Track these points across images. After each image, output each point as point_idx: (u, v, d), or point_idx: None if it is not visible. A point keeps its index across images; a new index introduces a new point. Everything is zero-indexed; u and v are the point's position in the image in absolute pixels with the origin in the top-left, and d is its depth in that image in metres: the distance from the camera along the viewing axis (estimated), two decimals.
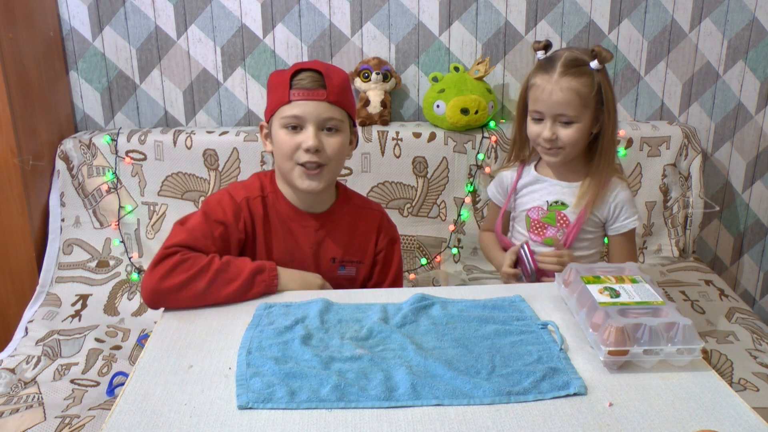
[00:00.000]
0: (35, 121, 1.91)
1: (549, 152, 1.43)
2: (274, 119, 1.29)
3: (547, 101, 1.37)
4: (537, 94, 1.40)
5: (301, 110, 1.25)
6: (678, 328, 0.97)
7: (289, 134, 1.27)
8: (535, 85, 1.40)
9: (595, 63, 1.37)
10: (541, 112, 1.40)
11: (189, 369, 0.98)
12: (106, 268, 2.00)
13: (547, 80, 1.38)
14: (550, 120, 1.39)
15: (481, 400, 0.90)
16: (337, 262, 1.37)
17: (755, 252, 2.35)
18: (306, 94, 1.25)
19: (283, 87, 1.26)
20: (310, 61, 1.33)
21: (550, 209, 1.49)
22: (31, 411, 1.42)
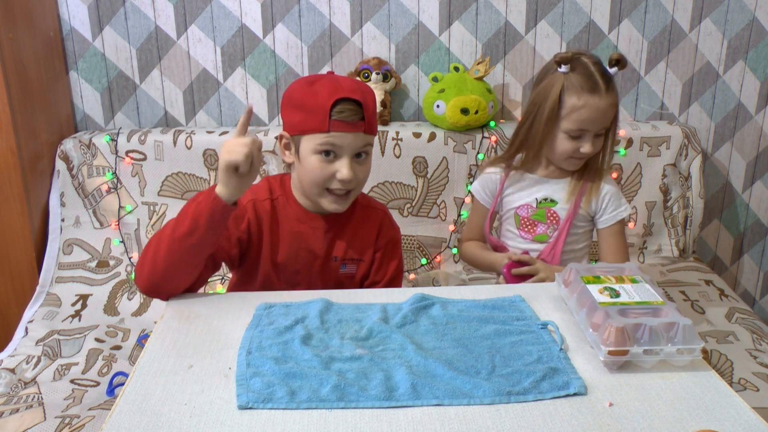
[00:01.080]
0: (35, 121, 1.91)
1: (579, 162, 1.45)
2: (304, 140, 1.27)
3: (597, 121, 1.38)
4: (586, 116, 1.37)
5: (340, 141, 1.25)
6: (678, 328, 0.97)
7: (323, 161, 1.26)
8: (584, 107, 1.37)
9: (615, 70, 1.40)
10: (585, 130, 1.40)
11: (189, 369, 0.98)
12: (106, 268, 2.00)
13: (597, 102, 1.37)
14: (591, 136, 1.40)
15: (481, 400, 0.90)
16: (339, 261, 1.38)
17: (755, 252, 2.35)
18: (346, 127, 1.24)
19: (322, 114, 1.23)
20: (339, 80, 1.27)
21: (539, 206, 1.50)
22: (31, 411, 1.42)
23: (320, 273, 1.37)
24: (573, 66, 1.40)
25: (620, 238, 1.51)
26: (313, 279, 1.37)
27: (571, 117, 1.39)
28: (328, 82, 1.27)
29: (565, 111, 1.39)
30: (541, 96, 1.42)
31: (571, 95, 1.38)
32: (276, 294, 1.25)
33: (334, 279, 1.38)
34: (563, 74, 1.40)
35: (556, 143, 1.43)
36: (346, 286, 1.40)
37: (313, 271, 1.37)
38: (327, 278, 1.38)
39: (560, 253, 1.48)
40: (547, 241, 1.49)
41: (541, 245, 1.49)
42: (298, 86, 1.30)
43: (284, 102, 1.32)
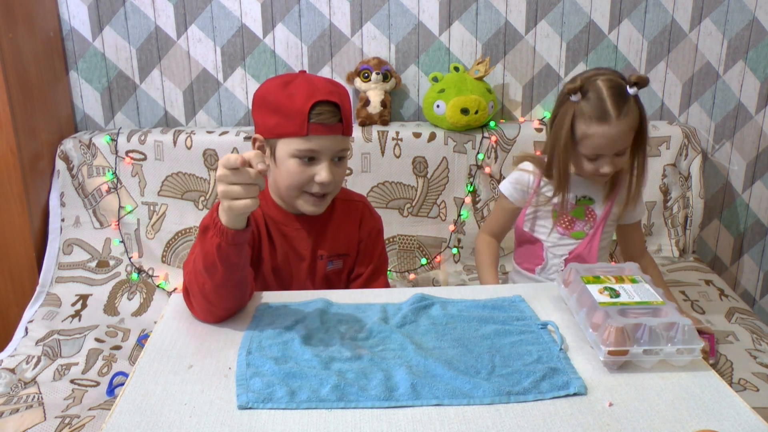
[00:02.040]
0: (35, 121, 1.91)
1: (604, 179, 1.47)
2: (281, 143, 1.24)
3: (611, 147, 1.39)
4: (598, 143, 1.38)
5: (319, 145, 1.22)
6: (678, 328, 0.97)
7: (301, 165, 1.24)
8: (594, 136, 1.38)
9: (634, 90, 1.37)
10: (601, 155, 1.41)
11: (189, 369, 0.98)
12: (106, 268, 2.00)
13: (606, 130, 1.37)
14: (610, 158, 1.41)
15: (481, 400, 0.90)
16: (325, 258, 1.37)
17: (755, 252, 2.35)
18: (325, 130, 1.22)
19: (300, 118, 1.20)
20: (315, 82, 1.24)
21: (578, 203, 1.52)
22: (31, 411, 1.42)
23: (309, 273, 1.36)
24: (585, 91, 1.39)
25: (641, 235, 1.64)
26: (303, 279, 1.36)
27: (585, 144, 1.41)
28: (304, 83, 1.23)
29: (578, 137, 1.41)
30: (558, 126, 1.44)
31: (581, 124, 1.40)
32: (276, 294, 1.25)
33: (322, 277, 1.37)
34: (574, 102, 1.40)
35: (578, 164, 1.46)
36: (334, 282, 1.39)
37: (302, 273, 1.36)
38: (315, 277, 1.37)
39: (596, 248, 1.52)
40: (584, 237, 1.53)
41: (576, 241, 1.53)
42: (272, 88, 1.26)
43: (257, 104, 1.28)
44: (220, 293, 1.09)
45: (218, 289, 1.08)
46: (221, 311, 1.11)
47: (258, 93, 1.28)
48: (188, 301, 1.12)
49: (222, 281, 1.07)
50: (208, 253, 1.05)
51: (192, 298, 1.11)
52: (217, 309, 1.11)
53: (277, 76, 1.29)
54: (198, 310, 1.11)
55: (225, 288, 1.08)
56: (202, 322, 1.12)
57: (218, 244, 1.04)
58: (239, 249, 1.06)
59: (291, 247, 1.34)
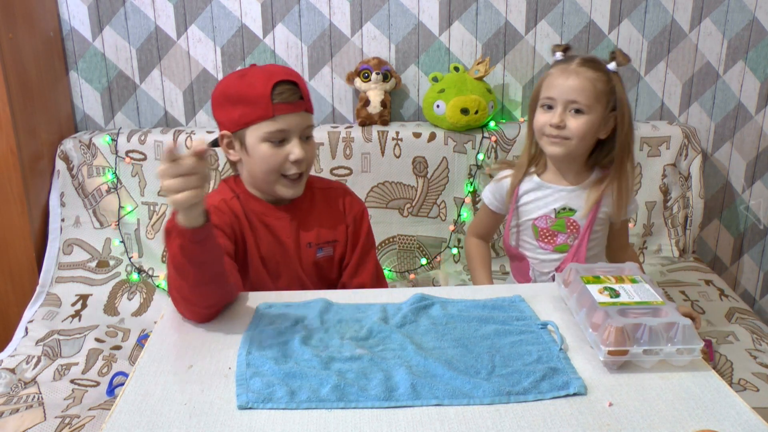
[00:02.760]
0: (35, 121, 1.91)
1: (554, 141, 1.40)
2: (249, 132, 1.27)
3: (562, 86, 1.37)
4: (552, 81, 1.39)
5: (287, 124, 1.26)
6: (678, 328, 0.97)
7: (273, 148, 1.27)
8: (551, 74, 1.40)
9: (613, 65, 1.40)
10: (553, 98, 1.39)
11: (189, 369, 0.98)
12: (106, 268, 2.00)
13: (563, 68, 1.39)
14: (561, 107, 1.38)
15: (481, 400, 0.90)
16: (313, 246, 1.38)
17: (755, 252, 2.35)
18: (289, 108, 1.26)
19: (264, 101, 1.24)
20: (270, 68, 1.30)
21: (558, 217, 1.48)
22: (31, 411, 1.42)
23: (298, 261, 1.37)
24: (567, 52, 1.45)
25: (627, 229, 1.58)
26: (293, 268, 1.37)
27: (544, 86, 1.42)
28: (259, 71, 1.29)
29: (542, 85, 1.43)
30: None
31: (549, 69, 1.43)
32: (276, 294, 1.25)
33: (312, 264, 1.38)
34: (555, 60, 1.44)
35: (534, 118, 1.44)
36: (325, 269, 1.40)
37: (291, 261, 1.37)
38: (306, 266, 1.38)
39: (583, 258, 1.47)
40: (568, 250, 1.48)
41: (561, 255, 1.48)
42: (229, 82, 1.30)
43: (218, 101, 1.32)
44: (198, 292, 1.09)
45: (194, 288, 1.08)
46: (205, 309, 1.11)
47: (216, 91, 1.32)
48: (175, 304, 1.13)
49: (196, 280, 1.07)
50: (175, 256, 1.05)
51: (175, 301, 1.12)
52: (201, 308, 1.11)
53: (230, 73, 1.34)
54: (184, 311, 1.12)
55: (201, 286, 1.08)
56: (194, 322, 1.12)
57: (181, 245, 1.03)
58: (203, 246, 1.04)
59: (274, 236, 1.36)
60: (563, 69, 1.39)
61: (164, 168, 0.96)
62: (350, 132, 2.00)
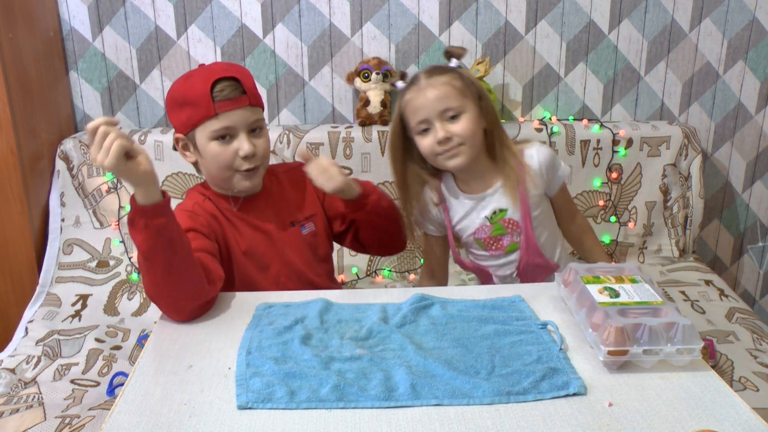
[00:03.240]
0: (35, 121, 1.91)
1: (450, 155, 1.36)
2: (198, 132, 1.30)
3: (425, 103, 1.34)
4: (414, 105, 1.35)
5: (230, 120, 1.28)
6: (678, 328, 0.97)
7: (221, 145, 1.29)
8: (408, 101, 1.36)
9: (454, 62, 1.39)
10: (425, 119, 1.35)
11: (189, 369, 0.99)
12: (106, 268, 2.00)
13: (416, 89, 1.36)
14: (437, 121, 1.34)
15: (481, 400, 0.90)
16: (297, 225, 1.41)
17: (755, 252, 2.35)
18: (231, 104, 1.28)
19: (204, 101, 1.26)
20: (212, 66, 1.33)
21: (493, 222, 1.44)
22: (31, 411, 1.42)
23: (286, 245, 1.38)
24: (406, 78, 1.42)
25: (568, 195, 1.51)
26: (281, 254, 1.37)
27: (408, 114, 1.37)
28: (201, 71, 1.31)
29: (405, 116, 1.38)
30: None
31: (401, 100, 1.39)
32: (276, 294, 1.25)
33: (302, 243, 1.40)
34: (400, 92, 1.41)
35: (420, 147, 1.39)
36: (314, 245, 1.42)
37: (277, 248, 1.37)
38: (295, 247, 1.39)
39: (536, 247, 1.44)
40: (518, 247, 1.44)
41: (515, 254, 1.45)
42: (175, 86, 1.33)
43: (168, 106, 1.35)
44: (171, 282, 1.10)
45: (167, 277, 1.10)
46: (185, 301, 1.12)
47: (167, 96, 1.36)
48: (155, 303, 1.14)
49: (165, 266, 1.09)
50: (142, 243, 1.09)
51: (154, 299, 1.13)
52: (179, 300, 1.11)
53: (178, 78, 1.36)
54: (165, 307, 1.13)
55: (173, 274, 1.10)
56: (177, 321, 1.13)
57: (145, 225, 1.07)
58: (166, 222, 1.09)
59: (253, 227, 1.37)
60: (416, 90, 1.36)
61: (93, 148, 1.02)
62: (350, 132, 2.00)
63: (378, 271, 2.06)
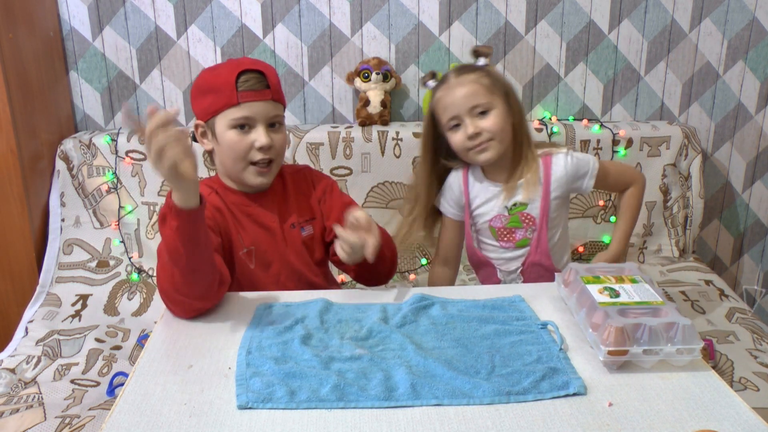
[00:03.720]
0: (35, 121, 1.91)
1: (481, 149, 1.41)
2: (218, 120, 1.32)
3: (455, 101, 1.39)
4: (444, 102, 1.41)
5: (251, 111, 1.30)
6: (678, 328, 0.97)
7: (239, 134, 1.31)
8: (439, 99, 1.42)
9: (482, 60, 1.43)
10: (456, 116, 1.40)
11: (189, 369, 0.99)
12: (106, 268, 2.00)
13: (447, 86, 1.41)
14: (467, 117, 1.39)
15: (481, 400, 0.90)
16: (297, 226, 1.41)
17: (755, 252, 2.35)
18: (254, 95, 1.30)
19: (228, 89, 1.29)
20: (240, 59, 1.38)
21: (511, 213, 1.46)
22: (31, 411, 1.42)
23: (286, 245, 1.39)
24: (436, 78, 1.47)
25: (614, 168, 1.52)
26: (282, 253, 1.38)
27: (439, 111, 1.43)
28: (229, 62, 1.35)
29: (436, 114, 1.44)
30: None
31: (432, 98, 1.45)
32: (276, 294, 1.25)
33: (301, 244, 1.40)
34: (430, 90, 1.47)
35: (451, 142, 1.44)
36: (313, 249, 1.43)
37: (278, 246, 1.38)
38: (295, 247, 1.40)
39: (546, 247, 1.46)
40: (529, 243, 1.46)
41: (524, 249, 1.47)
42: (201, 75, 1.37)
43: (192, 94, 1.38)
44: (190, 280, 1.11)
45: (187, 275, 1.10)
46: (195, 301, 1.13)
47: (192, 86, 1.39)
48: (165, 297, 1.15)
49: (188, 265, 1.10)
50: (169, 240, 1.10)
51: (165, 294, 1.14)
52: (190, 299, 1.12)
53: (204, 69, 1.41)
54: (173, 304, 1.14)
55: (194, 272, 1.11)
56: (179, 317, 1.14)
57: (177, 227, 1.08)
58: (197, 227, 1.10)
59: (259, 224, 1.38)
60: (446, 87, 1.41)
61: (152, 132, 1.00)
62: (350, 132, 2.00)
63: None
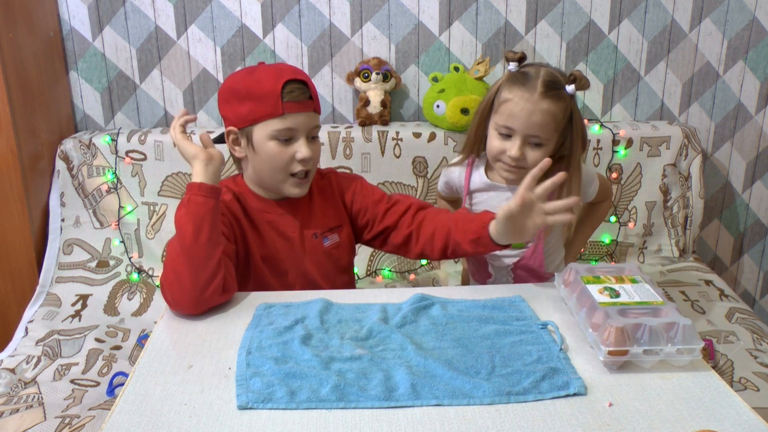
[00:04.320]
0: (35, 121, 1.91)
1: (510, 170, 1.37)
2: (257, 128, 1.28)
3: (525, 121, 1.31)
4: (513, 109, 1.32)
5: (295, 123, 1.28)
6: (678, 328, 0.97)
7: (281, 146, 1.28)
8: (512, 100, 1.32)
9: (572, 88, 1.32)
10: (512, 129, 1.33)
11: (189, 369, 0.99)
12: (106, 268, 2.00)
13: (527, 98, 1.31)
14: (520, 139, 1.33)
15: (481, 400, 0.90)
16: (319, 236, 1.39)
17: (755, 252, 2.35)
18: (298, 107, 1.27)
19: (273, 99, 1.25)
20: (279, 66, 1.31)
21: None
22: (31, 411, 1.42)
23: (306, 254, 1.37)
24: (523, 63, 1.39)
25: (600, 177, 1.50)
26: (299, 262, 1.37)
27: (500, 110, 1.35)
28: (268, 68, 1.30)
29: (497, 104, 1.37)
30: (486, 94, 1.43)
31: (505, 88, 1.36)
32: (276, 294, 1.25)
33: (323, 255, 1.39)
34: (509, 71, 1.38)
35: (489, 141, 1.39)
36: (336, 256, 1.40)
37: (296, 256, 1.37)
38: (315, 257, 1.38)
39: (541, 253, 1.44)
40: (526, 246, 1.44)
41: (519, 251, 1.45)
42: (238, 78, 1.31)
43: (225, 97, 1.32)
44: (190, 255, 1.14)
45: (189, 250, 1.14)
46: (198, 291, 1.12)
47: (224, 87, 1.32)
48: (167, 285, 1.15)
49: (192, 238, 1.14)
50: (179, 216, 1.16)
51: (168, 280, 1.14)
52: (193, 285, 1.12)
53: (238, 71, 1.34)
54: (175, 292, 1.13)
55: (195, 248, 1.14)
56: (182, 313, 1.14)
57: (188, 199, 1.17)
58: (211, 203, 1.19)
59: (278, 231, 1.36)
60: (526, 99, 1.31)
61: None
62: (350, 132, 2.00)
63: (378, 271, 2.06)
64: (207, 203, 1.18)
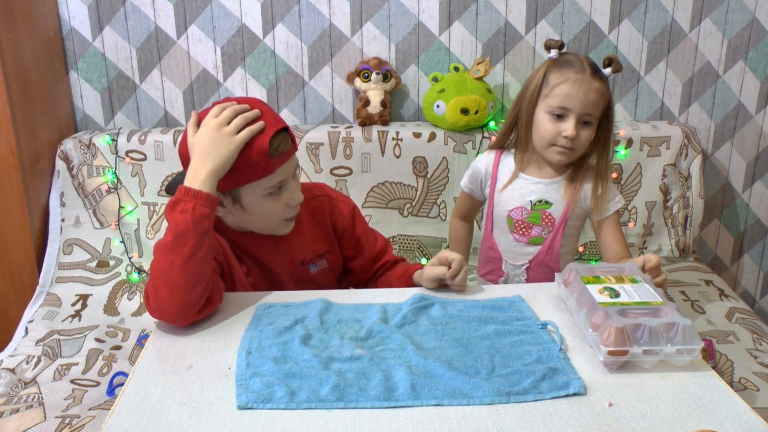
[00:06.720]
0: (35, 121, 1.91)
1: (562, 151, 1.40)
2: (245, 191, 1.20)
3: (582, 99, 1.36)
4: (570, 90, 1.36)
5: (285, 173, 1.21)
6: (678, 328, 0.97)
7: (274, 199, 1.22)
8: (566, 82, 1.37)
9: (608, 71, 1.39)
10: (568, 109, 1.37)
11: (189, 369, 0.99)
12: (106, 268, 2.00)
13: (581, 79, 1.36)
14: (575, 118, 1.37)
15: (481, 400, 0.90)
16: (307, 264, 1.35)
17: (755, 252, 2.35)
18: (285, 157, 1.20)
19: (264, 159, 1.15)
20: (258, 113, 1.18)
21: (534, 209, 1.47)
22: (31, 411, 1.42)
23: (294, 282, 1.33)
24: (563, 50, 1.44)
25: (618, 227, 1.48)
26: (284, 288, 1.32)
27: (553, 93, 1.38)
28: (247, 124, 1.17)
29: (547, 89, 1.40)
30: (529, 79, 1.45)
31: (554, 72, 1.40)
32: (276, 294, 1.25)
33: (309, 282, 1.34)
34: (551, 58, 1.42)
35: (540, 127, 1.41)
36: (323, 284, 1.36)
37: (285, 285, 1.33)
38: (302, 285, 1.33)
39: (557, 251, 1.47)
40: (542, 243, 1.48)
41: (536, 247, 1.48)
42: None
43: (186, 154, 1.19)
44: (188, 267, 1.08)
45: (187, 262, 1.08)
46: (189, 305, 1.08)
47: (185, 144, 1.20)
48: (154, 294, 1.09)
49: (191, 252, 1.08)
50: (178, 223, 1.10)
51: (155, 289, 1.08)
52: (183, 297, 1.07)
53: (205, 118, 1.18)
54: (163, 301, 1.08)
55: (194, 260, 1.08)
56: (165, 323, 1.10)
57: (193, 207, 1.10)
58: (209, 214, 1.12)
59: (262, 264, 1.32)
60: (579, 80, 1.36)
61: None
62: (350, 132, 2.00)
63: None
64: (211, 217, 1.12)
